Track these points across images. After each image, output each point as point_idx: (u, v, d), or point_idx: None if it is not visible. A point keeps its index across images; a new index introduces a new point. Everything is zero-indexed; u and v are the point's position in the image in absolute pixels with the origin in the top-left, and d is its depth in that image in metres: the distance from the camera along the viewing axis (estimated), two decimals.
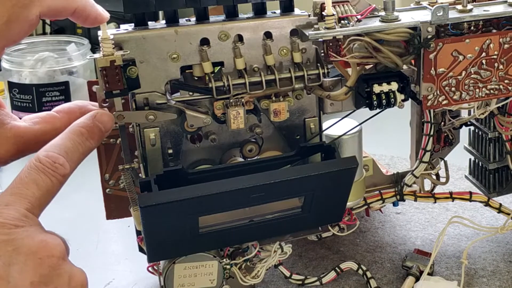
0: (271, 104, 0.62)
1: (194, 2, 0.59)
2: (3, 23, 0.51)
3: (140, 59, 0.59)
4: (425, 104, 0.65)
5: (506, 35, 0.64)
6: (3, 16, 0.51)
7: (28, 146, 0.59)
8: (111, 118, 0.58)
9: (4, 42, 0.53)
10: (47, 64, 1.11)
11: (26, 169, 0.54)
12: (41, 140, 0.59)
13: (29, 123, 0.59)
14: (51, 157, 0.54)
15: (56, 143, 0.55)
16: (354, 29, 0.60)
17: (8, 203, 0.51)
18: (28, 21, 0.53)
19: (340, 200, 0.63)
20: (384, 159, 0.97)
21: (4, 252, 0.49)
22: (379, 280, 0.72)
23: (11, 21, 0.52)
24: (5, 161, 0.59)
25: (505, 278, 0.72)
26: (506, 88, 0.66)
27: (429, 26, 0.62)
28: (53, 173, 0.53)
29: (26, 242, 0.50)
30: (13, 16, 0.52)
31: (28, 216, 0.52)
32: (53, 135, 0.59)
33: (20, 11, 0.52)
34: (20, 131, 0.58)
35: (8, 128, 0.58)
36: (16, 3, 0.51)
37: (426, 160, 0.71)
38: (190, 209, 0.56)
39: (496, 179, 0.78)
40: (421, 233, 0.80)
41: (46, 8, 0.53)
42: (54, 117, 0.60)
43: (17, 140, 0.58)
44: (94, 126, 0.57)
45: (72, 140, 0.56)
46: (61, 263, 0.52)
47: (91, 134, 0.57)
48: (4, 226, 0.50)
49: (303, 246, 0.78)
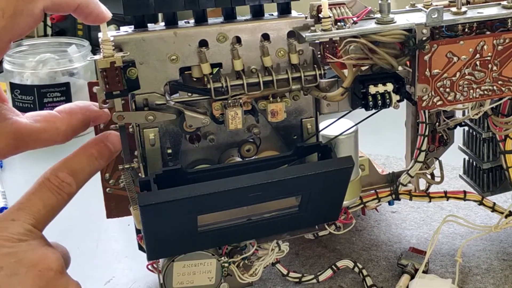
0: (269, 105, 0.62)
1: (193, 5, 0.59)
2: (9, 17, 0.52)
3: (140, 60, 0.59)
4: (420, 105, 0.65)
5: (500, 37, 0.64)
6: (9, 10, 0.51)
7: (27, 142, 0.59)
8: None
9: (10, 36, 0.53)
10: (48, 65, 1.11)
11: (35, 185, 0.57)
12: (41, 138, 0.59)
13: (30, 120, 0.59)
14: (60, 176, 0.57)
15: (65, 162, 0.58)
16: (350, 31, 0.60)
17: (14, 218, 0.54)
18: (32, 15, 0.53)
19: (337, 199, 0.63)
20: (379, 158, 0.97)
21: (7, 264, 0.52)
22: (375, 278, 0.72)
23: (16, 15, 0.52)
24: (3, 155, 0.59)
25: (498, 276, 0.72)
26: (499, 89, 0.66)
27: (424, 28, 0.62)
28: (60, 192, 0.57)
29: (28, 255, 0.53)
30: (18, 10, 0.52)
31: (32, 231, 0.54)
32: (53, 134, 0.59)
33: (24, 5, 0.52)
34: (21, 127, 0.58)
35: (9, 123, 0.58)
36: None
37: (421, 160, 0.71)
38: (189, 208, 0.56)
39: (490, 178, 0.78)
40: (416, 232, 0.80)
41: (50, 2, 0.53)
42: (55, 117, 0.60)
43: (16, 135, 0.58)
44: (104, 147, 0.59)
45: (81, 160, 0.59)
46: (58, 277, 0.54)
47: (100, 155, 0.58)
48: (9, 240, 0.53)
49: (300, 244, 0.77)
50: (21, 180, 0.96)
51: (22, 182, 0.94)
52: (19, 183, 0.94)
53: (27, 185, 0.58)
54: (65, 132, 0.60)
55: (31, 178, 0.59)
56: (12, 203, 0.87)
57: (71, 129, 0.60)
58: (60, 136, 0.60)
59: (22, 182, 0.94)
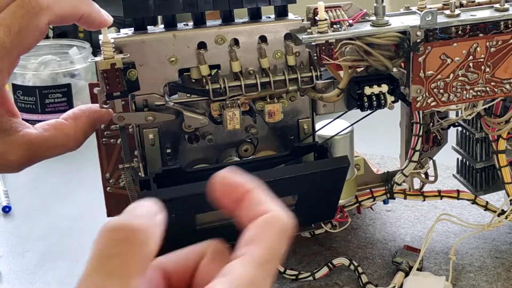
0: (266, 106, 0.62)
1: (192, 7, 0.59)
2: (15, 33, 0.51)
3: (140, 62, 0.59)
4: (414, 106, 0.65)
5: (492, 39, 0.64)
6: (15, 27, 0.51)
7: (39, 152, 0.58)
8: None
9: (19, 51, 0.53)
10: (50, 67, 1.10)
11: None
12: (52, 146, 0.58)
13: (40, 130, 0.59)
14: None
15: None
16: (346, 33, 0.60)
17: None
18: (38, 29, 0.52)
19: (333, 198, 0.63)
20: (375, 158, 0.97)
21: None
22: (370, 275, 0.72)
23: (22, 31, 0.52)
24: (17, 167, 0.58)
25: (491, 273, 0.72)
26: (492, 90, 0.66)
27: (418, 30, 0.62)
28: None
29: None
30: (24, 26, 0.51)
31: None
32: (64, 140, 0.58)
33: (30, 21, 0.52)
34: (32, 138, 0.58)
35: (20, 136, 0.57)
36: (25, 13, 0.51)
37: (415, 159, 0.71)
38: (188, 206, 0.56)
39: (483, 177, 0.78)
40: (410, 230, 0.80)
41: (54, 16, 0.53)
42: (63, 124, 0.60)
43: (28, 146, 0.57)
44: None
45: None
46: None
47: None
48: None
49: (297, 242, 0.77)
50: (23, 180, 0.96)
51: (24, 181, 0.94)
52: (21, 183, 0.93)
53: (29, 184, 0.58)
54: (75, 137, 0.60)
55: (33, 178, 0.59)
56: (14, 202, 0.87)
57: (81, 133, 0.60)
58: (71, 142, 0.59)
59: (24, 181, 0.94)
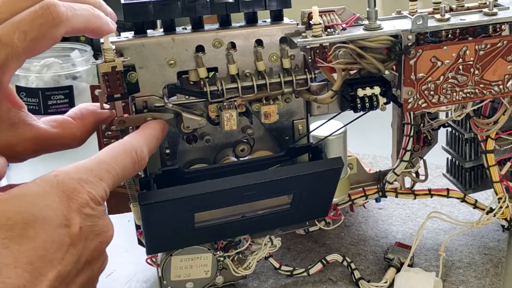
0: (262, 107, 0.62)
1: (190, 12, 0.59)
2: (30, 40, 0.50)
3: (140, 65, 0.58)
4: (406, 107, 0.65)
5: (481, 42, 0.64)
6: (31, 34, 0.50)
7: (45, 147, 0.58)
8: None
9: (28, 56, 0.52)
10: (53, 69, 1.10)
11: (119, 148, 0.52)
12: (58, 144, 0.58)
13: (47, 126, 0.58)
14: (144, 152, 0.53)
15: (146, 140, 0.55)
16: (339, 37, 0.60)
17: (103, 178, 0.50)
18: (54, 39, 0.51)
19: (327, 197, 0.63)
20: (367, 158, 0.97)
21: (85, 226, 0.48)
22: (362, 271, 0.72)
23: (38, 39, 0.50)
24: (23, 158, 0.58)
25: (480, 269, 0.72)
26: (481, 92, 0.66)
27: (410, 34, 0.62)
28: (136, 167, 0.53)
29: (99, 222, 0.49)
30: (41, 35, 0.50)
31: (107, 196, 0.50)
32: (70, 139, 0.58)
33: (48, 30, 0.50)
34: (40, 133, 0.57)
35: (28, 129, 0.57)
36: (45, 23, 0.50)
37: (406, 159, 0.71)
38: (187, 206, 0.56)
39: (472, 176, 0.78)
40: (401, 227, 0.80)
41: (71, 28, 0.52)
42: (71, 123, 0.59)
43: (35, 140, 0.57)
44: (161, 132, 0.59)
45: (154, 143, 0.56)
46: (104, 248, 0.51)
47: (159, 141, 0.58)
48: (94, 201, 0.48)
49: (292, 239, 0.77)
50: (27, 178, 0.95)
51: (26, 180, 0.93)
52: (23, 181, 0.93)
53: None
54: (81, 137, 0.59)
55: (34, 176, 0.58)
56: None
57: (86, 133, 0.60)
58: (76, 141, 0.59)
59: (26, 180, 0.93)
